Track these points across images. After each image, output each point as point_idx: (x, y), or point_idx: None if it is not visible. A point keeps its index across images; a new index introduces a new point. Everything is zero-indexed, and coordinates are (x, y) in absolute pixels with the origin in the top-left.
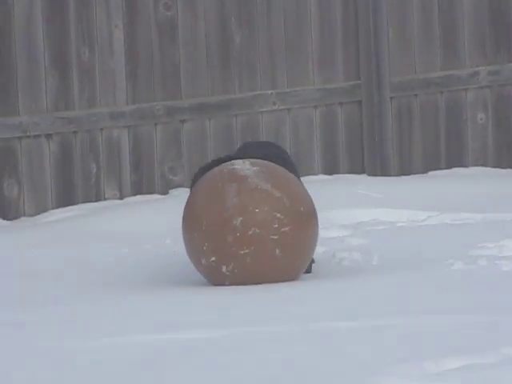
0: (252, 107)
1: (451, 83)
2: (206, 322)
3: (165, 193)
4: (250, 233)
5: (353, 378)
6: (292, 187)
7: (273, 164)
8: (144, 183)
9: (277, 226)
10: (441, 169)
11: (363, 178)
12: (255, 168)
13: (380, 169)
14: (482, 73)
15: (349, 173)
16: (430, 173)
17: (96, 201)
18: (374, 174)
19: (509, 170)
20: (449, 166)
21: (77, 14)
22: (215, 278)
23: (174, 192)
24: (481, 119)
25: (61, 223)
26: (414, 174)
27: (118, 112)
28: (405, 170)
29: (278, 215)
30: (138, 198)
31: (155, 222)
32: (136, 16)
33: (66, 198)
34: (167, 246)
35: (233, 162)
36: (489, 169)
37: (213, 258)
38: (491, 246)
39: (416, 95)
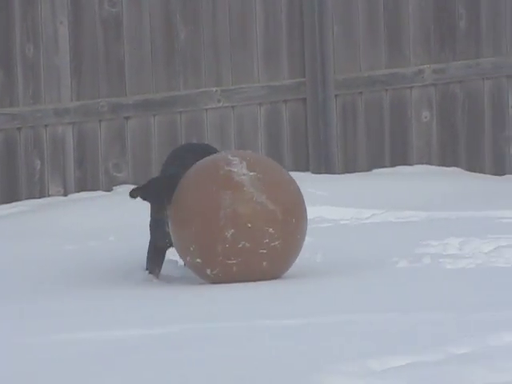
0: (197, 104)
1: (396, 81)
2: (150, 318)
3: (109, 189)
4: (240, 246)
5: (299, 375)
6: (287, 195)
7: (270, 163)
8: (88, 180)
9: (267, 240)
10: (385, 167)
11: (308, 175)
12: (252, 173)
13: (324, 166)
14: (427, 71)
15: (293, 170)
16: (375, 171)
17: (40, 197)
18: (318, 171)
19: (453, 168)
20: (393, 164)
21: (22, 10)
22: (198, 274)
23: (118, 189)
24: (425, 117)
25: (5, 219)
26: (359, 171)
27: (62, 108)
28: (349, 167)
29: (270, 230)
30: (82, 194)
31: (99, 218)
32: (81, 13)
33: (10, 195)
34: (111, 242)
35: (230, 158)
36: (433, 167)
37: (198, 260)
38: (435, 244)
39: (361, 93)
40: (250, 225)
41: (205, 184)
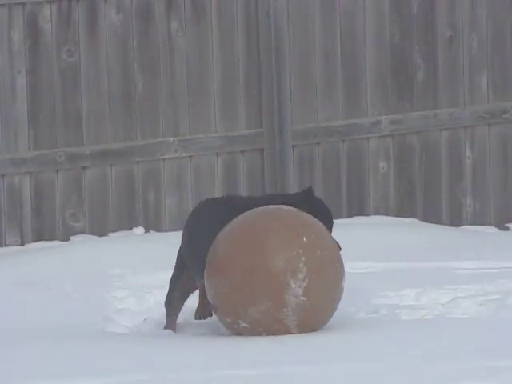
0: (154, 154)
1: (353, 132)
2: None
3: (66, 239)
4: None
5: None
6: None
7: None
8: (45, 229)
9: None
10: (342, 217)
11: None
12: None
13: None
14: (384, 122)
15: None
16: None
17: None
18: None
19: (410, 219)
20: (350, 215)
21: None
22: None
23: (75, 238)
24: (382, 168)
25: None
26: None
27: (19, 158)
28: None
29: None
30: (40, 244)
31: (56, 268)
32: (39, 62)
33: None
34: (68, 292)
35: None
36: (390, 218)
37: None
38: (392, 294)
39: (318, 143)
40: None
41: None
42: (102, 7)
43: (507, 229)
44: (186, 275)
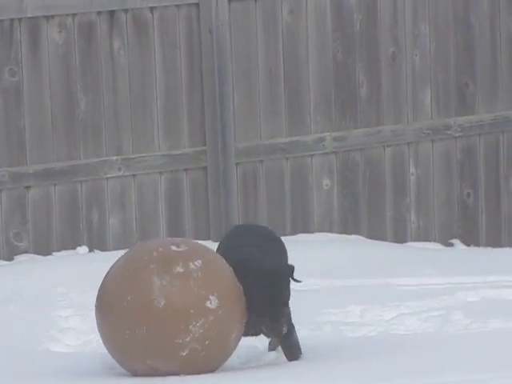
0: (97, 173)
1: (297, 149)
2: None
3: (10, 259)
4: None
5: None
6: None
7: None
8: None
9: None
10: (286, 235)
11: (209, 244)
12: None
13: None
14: (328, 139)
15: (195, 239)
16: None
17: None
18: (219, 240)
19: (354, 236)
20: (294, 232)
21: None
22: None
23: (19, 258)
24: (326, 185)
25: None
26: None
27: None
28: None
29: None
30: None
31: None
32: None
33: None
34: (12, 311)
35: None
36: (334, 235)
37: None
38: (336, 311)
39: (262, 161)
40: None
41: None
42: (45, 26)
43: (451, 245)
44: None
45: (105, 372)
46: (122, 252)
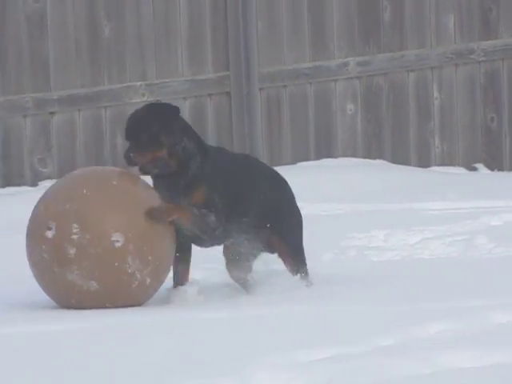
0: (121, 99)
1: (320, 74)
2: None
3: (34, 185)
4: None
5: (225, 369)
6: None
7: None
8: (13, 175)
9: None
10: (310, 160)
11: None
12: None
13: None
14: (351, 64)
15: None
16: (300, 164)
17: None
18: None
19: (378, 161)
20: (318, 157)
21: None
22: None
23: (43, 183)
24: (350, 110)
25: None
26: (284, 165)
27: None
28: (274, 161)
29: None
30: (8, 189)
31: (25, 212)
32: (4, 8)
33: None
34: None
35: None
36: (358, 159)
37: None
38: (361, 236)
39: (285, 86)
40: None
41: None
42: None
43: (475, 169)
44: None
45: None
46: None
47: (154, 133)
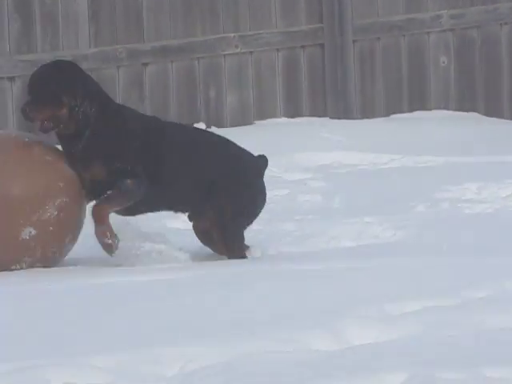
0: (214, 50)
1: (413, 26)
2: None
3: None
4: None
5: (316, 321)
6: None
7: None
8: None
9: None
10: (403, 112)
11: (326, 120)
12: None
13: (342, 112)
14: (445, 16)
15: (311, 116)
16: (393, 116)
17: None
18: (336, 117)
19: (471, 113)
20: (411, 109)
21: None
22: None
23: None
24: (443, 62)
25: None
26: (377, 117)
27: (80, 55)
28: (367, 113)
29: None
30: None
31: None
32: None
33: None
34: None
35: None
36: (451, 112)
37: None
38: (453, 188)
39: (378, 38)
40: None
41: None
42: None
43: None
44: None
45: None
46: (238, 129)
47: (55, 90)
